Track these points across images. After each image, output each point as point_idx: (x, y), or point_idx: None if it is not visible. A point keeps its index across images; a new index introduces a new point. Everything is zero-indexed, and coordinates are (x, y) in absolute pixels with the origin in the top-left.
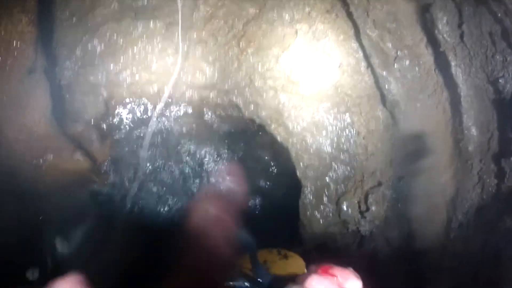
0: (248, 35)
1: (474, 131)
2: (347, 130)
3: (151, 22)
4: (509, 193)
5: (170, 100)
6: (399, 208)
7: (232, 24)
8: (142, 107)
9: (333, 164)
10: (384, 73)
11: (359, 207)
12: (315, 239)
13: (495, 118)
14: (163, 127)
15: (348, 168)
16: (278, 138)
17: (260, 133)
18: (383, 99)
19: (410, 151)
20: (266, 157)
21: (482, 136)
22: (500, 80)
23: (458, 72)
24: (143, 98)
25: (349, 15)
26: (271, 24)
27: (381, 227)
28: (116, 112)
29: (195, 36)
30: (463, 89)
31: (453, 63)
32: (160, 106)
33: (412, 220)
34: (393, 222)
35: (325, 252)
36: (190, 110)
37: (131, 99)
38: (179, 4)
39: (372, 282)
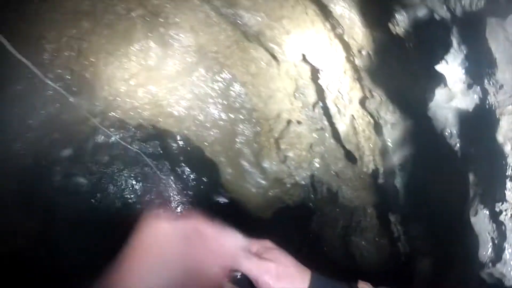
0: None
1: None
2: (232, 87)
3: None
4: None
5: None
6: (327, 137)
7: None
8: None
9: (235, 127)
10: (231, 11)
11: (279, 158)
12: (262, 210)
13: None
14: None
15: (252, 123)
16: (173, 130)
17: (153, 133)
18: (247, 37)
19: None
20: (177, 158)
21: None
22: None
23: None
24: None
25: None
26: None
27: (322, 166)
28: None
29: None
30: None
31: None
32: None
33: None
34: (332, 154)
35: (284, 218)
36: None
37: None
38: None
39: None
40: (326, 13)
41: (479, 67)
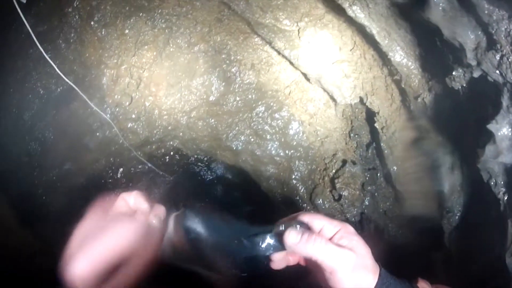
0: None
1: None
2: (290, 125)
3: None
4: None
5: None
6: (379, 177)
7: (138, 76)
8: None
9: (292, 164)
10: (293, 53)
11: (333, 196)
12: None
13: None
14: None
15: (308, 161)
16: (228, 162)
17: (210, 165)
18: (308, 78)
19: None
20: (228, 188)
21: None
22: None
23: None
24: None
25: (236, 14)
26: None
27: (371, 205)
28: None
29: None
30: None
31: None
32: None
33: (398, 182)
34: (381, 193)
35: None
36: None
37: None
38: None
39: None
40: (384, 59)
41: None
